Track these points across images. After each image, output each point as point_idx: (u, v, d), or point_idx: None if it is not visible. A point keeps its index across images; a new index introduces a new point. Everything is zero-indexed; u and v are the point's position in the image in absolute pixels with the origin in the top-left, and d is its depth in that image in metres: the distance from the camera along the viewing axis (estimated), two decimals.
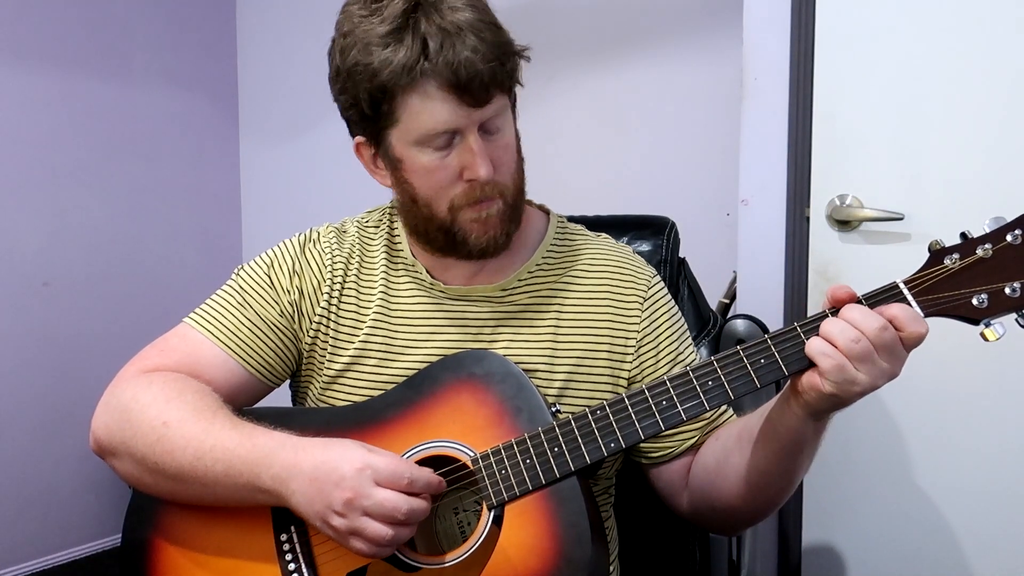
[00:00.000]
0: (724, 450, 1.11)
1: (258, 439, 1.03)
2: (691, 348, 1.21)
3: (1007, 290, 0.90)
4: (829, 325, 0.92)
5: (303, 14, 2.83)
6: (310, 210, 2.80)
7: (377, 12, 1.05)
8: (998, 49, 1.53)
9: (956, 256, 0.92)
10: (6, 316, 2.49)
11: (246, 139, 3.04)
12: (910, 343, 0.92)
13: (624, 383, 1.17)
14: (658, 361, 1.17)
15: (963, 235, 0.93)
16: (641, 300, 1.19)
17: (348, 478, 0.96)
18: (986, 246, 0.91)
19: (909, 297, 0.92)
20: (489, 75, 1.03)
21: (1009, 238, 0.90)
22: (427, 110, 1.05)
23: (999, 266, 0.90)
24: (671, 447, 1.15)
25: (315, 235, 1.23)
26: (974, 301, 0.91)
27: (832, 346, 0.91)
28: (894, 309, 0.91)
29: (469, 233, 1.11)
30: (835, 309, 0.94)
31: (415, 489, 0.97)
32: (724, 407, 1.17)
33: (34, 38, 2.51)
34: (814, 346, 0.92)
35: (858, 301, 0.93)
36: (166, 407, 1.07)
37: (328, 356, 1.18)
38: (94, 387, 1.19)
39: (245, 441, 1.02)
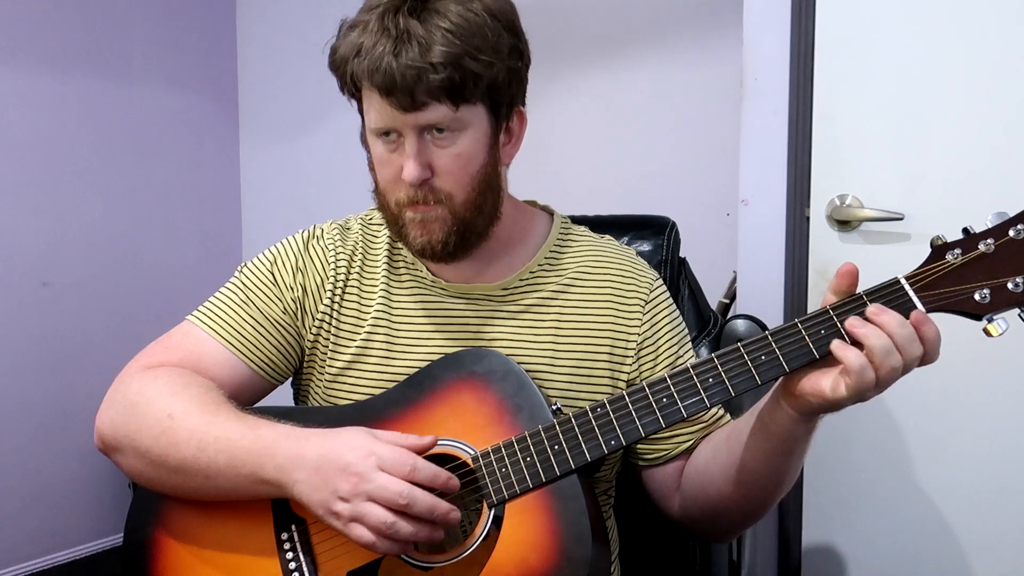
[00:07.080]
0: (714, 450, 1.11)
1: (261, 430, 1.03)
2: (690, 353, 1.21)
3: (1009, 285, 0.90)
4: (878, 344, 0.90)
5: (303, 14, 2.83)
6: (310, 210, 2.80)
7: None
8: (998, 49, 1.53)
9: (958, 251, 0.92)
10: (6, 316, 2.49)
11: (246, 139, 3.04)
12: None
13: (623, 385, 1.16)
14: (656, 365, 1.17)
15: (965, 230, 0.92)
16: (643, 303, 1.18)
17: (353, 464, 0.96)
18: (988, 241, 0.91)
19: (911, 293, 0.92)
20: (412, 82, 1.00)
21: (1011, 233, 0.90)
22: (371, 104, 1.06)
23: (1001, 261, 0.90)
24: (667, 449, 1.15)
25: (319, 232, 1.23)
26: (976, 296, 0.91)
27: (870, 364, 0.90)
28: (930, 332, 0.91)
29: (410, 231, 1.10)
30: (838, 309, 0.93)
31: (417, 477, 0.96)
32: (721, 413, 1.17)
33: (34, 38, 2.51)
34: (853, 360, 0.90)
35: (859, 297, 0.93)
36: (171, 400, 1.07)
37: (330, 354, 1.18)
38: (94, 387, 1.19)
39: (248, 432, 1.03)
